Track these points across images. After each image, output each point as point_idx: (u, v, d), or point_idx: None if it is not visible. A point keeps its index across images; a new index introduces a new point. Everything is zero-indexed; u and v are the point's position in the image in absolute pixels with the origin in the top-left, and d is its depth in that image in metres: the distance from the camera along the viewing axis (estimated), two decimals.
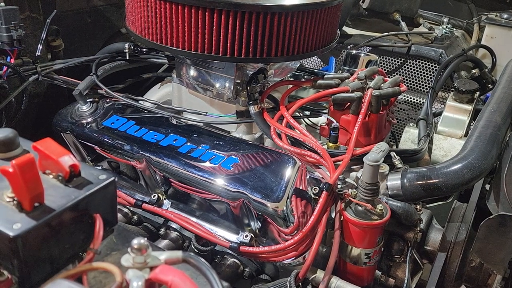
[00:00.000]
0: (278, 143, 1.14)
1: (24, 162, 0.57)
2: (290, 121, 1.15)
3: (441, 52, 1.83)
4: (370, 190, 0.99)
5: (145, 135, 1.19)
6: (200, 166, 1.07)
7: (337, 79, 1.24)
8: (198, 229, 1.07)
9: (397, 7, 1.97)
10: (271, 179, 1.02)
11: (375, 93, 1.16)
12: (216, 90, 1.30)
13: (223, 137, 1.17)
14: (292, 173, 1.03)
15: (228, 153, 1.09)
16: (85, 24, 1.60)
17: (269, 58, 1.16)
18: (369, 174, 0.98)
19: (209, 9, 1.05)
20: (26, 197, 0.59)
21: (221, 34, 1.08)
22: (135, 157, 1.17)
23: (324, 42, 1.23)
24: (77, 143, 1.30)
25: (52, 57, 1.45)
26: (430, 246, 1.13)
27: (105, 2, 1.66)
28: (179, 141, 1.15)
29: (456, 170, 1.06)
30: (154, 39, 1.16)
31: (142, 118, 1.25)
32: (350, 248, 1.03)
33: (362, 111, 1.16)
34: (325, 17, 1.18)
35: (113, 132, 1.22)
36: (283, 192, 1.00)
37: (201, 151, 1.11)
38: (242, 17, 1.07)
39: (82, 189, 0.65)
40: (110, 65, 1.42)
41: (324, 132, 1.27)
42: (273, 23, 1.09)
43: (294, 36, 1.13)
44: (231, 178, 1.03)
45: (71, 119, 1.29)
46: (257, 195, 0.99)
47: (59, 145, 0.67)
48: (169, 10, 1.08)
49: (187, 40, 1.11)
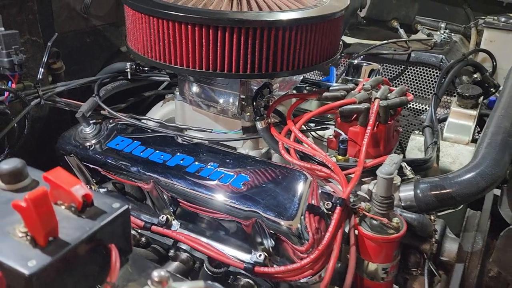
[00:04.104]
0: (288, 158, 1.12)
1: (37, 197, 0.55)
2: (298, 135, 1.13)
3: (441, 57, 1.83)
4: (385, 204, 0.97)
5: (151, 155, 1.17)
6: (209, 186, 1.05)
7: (343, 90, 1.23)
8: (211, 250, 1.05)
9: (395, 14, 1.97)
10: (284, 196, 1.00)
11: (382, 103, 1.15)
12: (220, 106, 1.28)
13: (230, 154, 1.15)
14: (304, 189, 1.01)
15: (238, 171, 1.07)
16: (85, 45, 1.59)
17: (274, 73, 1.15)
18: (383, 188, 0.96)
19: (212, 26, 1.04)
20: (40, 232, 0.57)
21: (225, 51, 1.07)
22: (142, 179, 1.15)
23: (328, 54, 1.22)
24: (81, 166, 1.28)
25: (53, 79, 1.44)
26: (446, 256, 1.11)
27: (104, 21, 1.65)
28: (186, 161, 1.13)
29: (470, 179, 1.05)
30: (157, 58, 1.15)
31: (147, 138, 1.23)
32: (366, 263, 1.01)
33: (371, 122, 1.14)
34: (329, 29, 1.17)
35: (118, 153, 1.20)
36: (297, 209, 0.98)
37: (209, 170, 1.09)
38: (246, 33, 1.05)
39: (96, 219, 0.63)
40: (112, 85, 1.40)
41: (332, 144, 1.25)
42: (278, 38, 1.08)
43: (299, 50, 1.12)
44: (242, 197, 1.01)
45: (75, 142, 1.27)
46: (270, 214, 0.97)
47: (69, 174, 0.65)
48: (172, 29, 1.07)
49: (191, 59, 1.10)
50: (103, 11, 1.64)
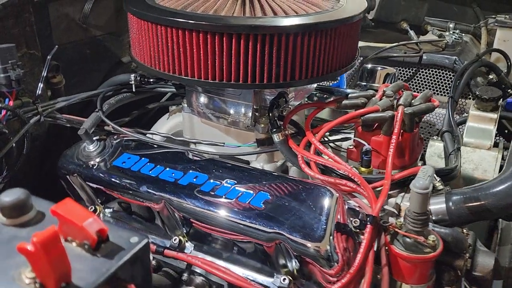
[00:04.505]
0: (309, 172, 1.05)
1: (47, 238, 0.48)
2: (319, 147, 1.06)
3: (455, 59, 1.76)
4: (420, 221, 0.90)
5: (161, 173, 1.09)
6: (227, 206, 0.97)
7: (362, 97, 1.16)
8: (230, 275, 0.97)
9: (404, 16, 1.91)
10: (309, 215, 0.92)
11: (407, 110, 1.08)
12: (232, 117, 1.21)
13: (247, 170, 1.07)
14: (331, 206, 0.93)
15: (257, 188, 0.99)
16: (85, 56, 1.51)
17: (291, 82, 1.08)
18: (418, 203, 0.88)
19: (226, 34, 0.96)
20: (51, 278, 0.49)
21: (240, 60, 0.99)
22: (152, 199, 1.07)
23: (347, 60, 1.15)
24: (85, 186, 1.20)
25: (52, 94, 1.35)
26: (480, 271, 1.04)
27: (104, 31, 1.57)
28: (200, 178, 1.05)
29: (506, 189, 0.98)
30: (165, 69, 1.07)
31: (155, 155, 1.15)
32: (399, 284, 0.94)
33: (395, 131, 1.07)
34: (348, 33, 1.10)
35: (125, 172, 1.12)
36: (324, 229, 0.90)
37: (226, 188, 1.01)
38: (262, 40, 0.98)
39: (114, 258, 0.55)
40: (115, 98, 1.32)
41: (352, 155, 1.18)
42: (296, 44, 1.01)
43: (319, 56, 1.04)
44: (264, 217, 0.93)
45: (78, 161, 1.19)
46: (296, 235, 0.89)
47: (80, 206, 0.58)
48: (182, 38, 1.00)
49: (203, 69, 1.02)
50: (103, 21, 1.56)
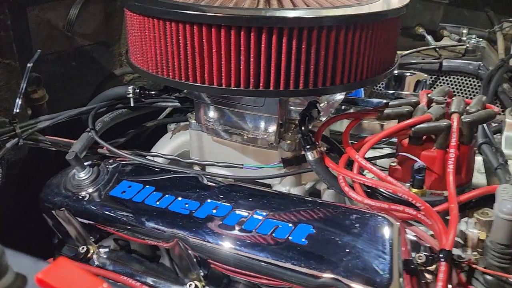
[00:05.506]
0: (355, 197, 0.85)
1: None
2: (366, 166, 0.87)
3: (479, 64, 1.63)
4: (508, 255, 0.72)
5: (171, 204, 0.88)
6: (261, 244, 0.77)
7: (406, 105, 0.98)
8: None
9: (419, 20, 1.78)
10: (369, 252, 0.73)
11: (465, 119, 0.91)
12: (253, 134, 1.02)
13: (279, 196, 0.88)
14: (394, 239, 0.74)
15: (296, 220, 0.80)
16: (70, 68, 1.31)
17: (325, 88, 0.89)
18: (506, 233, 0.70)
19: (255, 28, 0.77)
20: None
21: (271, 61, 0.80)
22: (162, 237, 0.87)
23: (388, 64, 0.98)
24: (74, 222, 0.98)
25: (33, 112, 1.14)
26: None
27: (91, 41, 1.37)
28: (221, 210, 0.85)
29: None
30: (175, 76, 0.88)
31: (162, 181, 0.95)
32: None
33: (453, 143, 0.90)
34: (391, 30, 0.93)
35: (126, 204, 0.92)
36: (390, 270, 0.70)
37: (256, 221, 0.81)
38: (299, 36, 0.80)
39: None
40: (109, 115, 1.12)
41: (396, 173, 0.99)
42: (338, 40, 0.83)
43: (363, 56, 0.87)
44: (311, 257, 0.73)
45: (66, 191, 0.98)
46: (356, 280, 0.70)
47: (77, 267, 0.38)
48: (198, 35, 0.80)
49: (225, 74, 0.83)
50: (91, 28, 1.36)
